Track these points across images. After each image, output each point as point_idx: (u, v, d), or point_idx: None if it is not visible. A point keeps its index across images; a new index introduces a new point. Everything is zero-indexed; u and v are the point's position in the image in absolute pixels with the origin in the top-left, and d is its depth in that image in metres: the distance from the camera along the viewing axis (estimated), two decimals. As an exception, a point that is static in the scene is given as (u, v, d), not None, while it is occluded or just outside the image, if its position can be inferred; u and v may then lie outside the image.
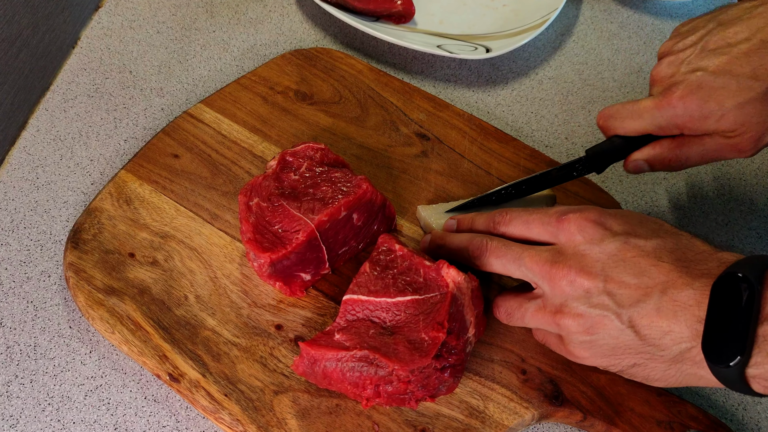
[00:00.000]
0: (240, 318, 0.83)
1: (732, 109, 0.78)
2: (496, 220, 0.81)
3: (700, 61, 0.80)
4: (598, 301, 0.70)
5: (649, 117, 0.82)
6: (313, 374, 0.76)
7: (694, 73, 0.80)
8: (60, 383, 0.81)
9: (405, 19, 1.15)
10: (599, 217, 0.74)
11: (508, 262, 0.77)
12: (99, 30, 1.14)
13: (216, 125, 0.98)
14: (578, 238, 0.73)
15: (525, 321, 0.78)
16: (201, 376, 0.78)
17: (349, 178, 0.84)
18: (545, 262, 0.74)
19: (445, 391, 0.77)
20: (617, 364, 0.73)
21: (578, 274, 0.71)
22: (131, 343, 0.80)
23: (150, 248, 0.87)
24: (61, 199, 0.94)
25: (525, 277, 0.77)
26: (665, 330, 0.68)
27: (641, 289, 0.69)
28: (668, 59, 0.84)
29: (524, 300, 0.77)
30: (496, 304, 0.81)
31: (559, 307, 0.73)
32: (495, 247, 0.78)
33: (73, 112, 1.03)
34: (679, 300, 0.67)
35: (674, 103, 0.80)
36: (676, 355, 0.68)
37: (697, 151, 0.83)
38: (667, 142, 0.84)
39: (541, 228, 0.77)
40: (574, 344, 0.74)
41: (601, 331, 0.71)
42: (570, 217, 0.74)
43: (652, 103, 0.82)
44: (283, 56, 1.08)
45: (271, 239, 0.80)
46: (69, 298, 0.86)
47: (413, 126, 1.01)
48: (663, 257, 0.70)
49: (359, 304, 0.78)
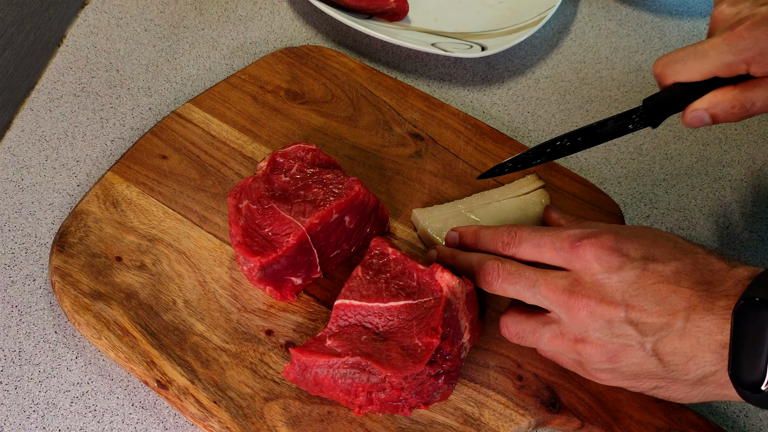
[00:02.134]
0: (229, 323, 0.83)
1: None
2: (505, 241, 0.79)
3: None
4: (620, 331, 0.70)
5: (715, 54, 0.78)
6: (304, 381, 0.76)
7: (762, 6, 0.77)
8: (45, 389, 0.81)
9: (399, 17, 1.16)
10: (615, 243, 0.72)
11: (523, 289, 0.75)
12: (85, 28, 1.14)
13: (205, 125, 0.98)
14: (595, 267, 0.72)
15: (540, 346, 0.77)
16: (189, 382, 0.78)
17: (341, 180, 0.84)
18: (562, 291, 0.72)
19: (439, 398, 0.77)
20: (639, 386, 0.74)
21: (598, 303, 0.70)
22: (118, 349, 0.80)
23: (137, 252, 0.87)
24: (47, 201, 0.94)
25: (540, 304, 0.75)
26: (689, 356, 0.68)
27: (663, 317, 0.69)
28: (728, 0, 0.81)
29: (538, 325, 0.76)
30: (504, 324, 0.79)
31: (579, 336, 0.72)
32: (508, 273, 0.76)
33: (59, 111, 1.03)
34: (701, 326, 0.67)
35: (744, 35, 0.76)
36: (700, 378, 0.69)
37: (762, 95, 0.78)
38: (731, 88, 0.79)
39: (554, 253, 0.75)
40: (595, 370, 0.74)
41: (624, 359, 0.71)
42: (585, 244, 0.72)
43: (720, 40, 0.77)
44: (274, 54, 1.08)
45: (261, 242, 0.80)
46: (54, 302, 0.86)
47: (407, 126, 1.01)
48: (682, 281, 0.69)
49: (351, 309, 0.78)
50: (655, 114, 0.82)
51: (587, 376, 0.77)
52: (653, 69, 0.83)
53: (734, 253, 0.97)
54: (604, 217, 0.94)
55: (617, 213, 0.95)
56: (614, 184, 1.03)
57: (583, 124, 1.07)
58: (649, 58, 1.19)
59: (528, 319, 0.77)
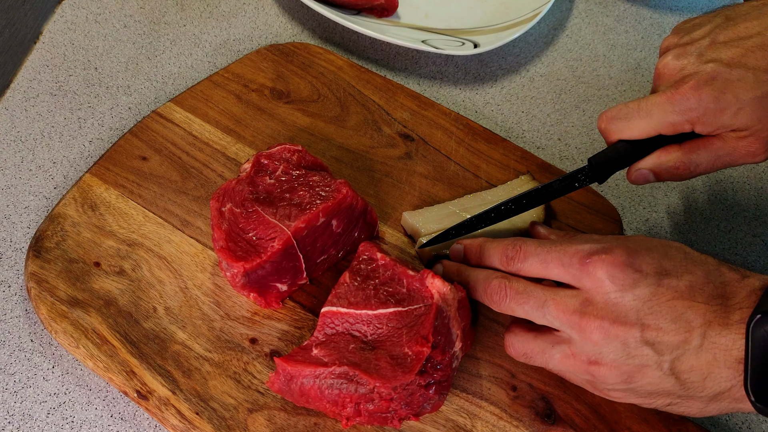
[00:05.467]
0: (212, 331, 0.83)
1: (749, 103, 0.77)
2: (510, 255, 0.78)
3: (713, 53, 0.79)
4: (636, 352, 0.70)
5: (659, 113, 0.80)
6: (289, 391, 0.76)
7: (707, 64, 0.79)
8: (21, 400, 0.81)
9: (388, 13, 1.16)
10: (628, 258, 0.71)
11: (531, 309, 0.75)
12: (62, 24, 1.14)
13: (187, 125, 0.98)
14: (608, 285, 0.71)
15: (549, 367, 0.77)
16: (171, 393, 0.78)
17: (328, 182, 0.84)
18: (573, 312, 0.72)
19: (430, 410, 0.77)
20: (653, 403, 0.74)
21: (612, 324, 0.70)
22: (97, 358, 0.80)
23: (117, 257, 0.87)
24: (22, 204, 0.94)
25: (550, 325, 0.75)
26: (706, 373, 0.68)
27: (680, 335, 0.69)
28: (675, 51, 0.83)
29: (547, 345, 0.75)
30: (510, 343, 0.79)
31: (593, 358, 0.72)
32: (516, 292, 0.76)
33: (35, 111, 1.03)
34: (718, 343, 0.68)
35: (688, 95, 0.78)
36: (716, 394, 0.69)
37: (707, 156, 0.81)
38: (675, 148, 0.82)
39: (562, 269, 0.74)
40: (609, 390, 0.74)
41: (640, 379, 0.71)
42: (595, 260, 0.72)
43: (663, 98, 0.79)
44: (258, 52, 1.08)
45: (245, 247, 0.80)
46: (30, 309, 0.86)
47: (396, 126, 1.02)
48: (697, 296, 0.69)
49: (339, 316, 0.78)
50: (600, 172, 0.85)
51: (599, 395, 0.77)
52: (597, 123, 0.86)
53: (737, 258, 0.97)
54: (602, 221, 0.94)
55: (615, 216, 0.95)
56: (612, 186, 1.04)
57: (579, 124, 1.08)
58: (648, 55, 1.19)
59: (536, 338, 0.76)
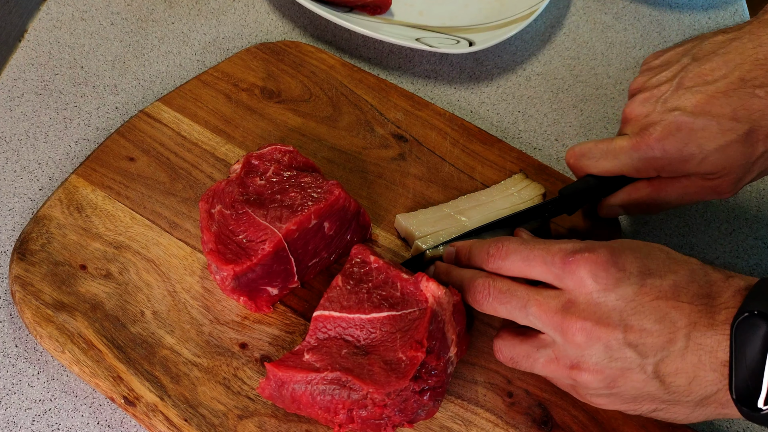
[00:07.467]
0: (201, 336, 0.83)
1: (713, 152, 0.80)
2: (491, 252, 0.78)
3: (677, 100, 0.82)
4: (619, 355, 0.70)
5: (625, 158, 0.84)
6: (280, 398, 0.76)
7: (671, 112, 0.81)
8: (5, 407, 0.81)
9: (381, 10, 1.16)
10: (611, 257, 0.71)
11: (514, 309, 0.75)
12: (48, 22, 1.14)
13: (175, 125, 0.98)
14: (590, 285, 0.71)
15: (534, 371, 0.77)
16: (159, 399, 0.78)
17: (319, 184, 0.84)
18: (555, 312, 0.72)
19: (424, 416, 0.77)
20: (637, 409, 0.74)
21: (595, 325, 0.70)
22: (83, 363, 0.80)
23: (103, 260, 0.87)
24: (6, 206, 0.94)
25: (533, 326, 0.75)
26: (691, 377, 0.68)
27: (664, 336, 0.69)
28: (642, 96, 0.86)
29: (532, 349, 0.76)
30: (498, 348, 0.79)
31: (575, 361, 0.72)
32: (499, 291, 0.76)
33: (20, 111, 1.03)
34: (703, 344, 0.68)
35: (652, 145, 0.82)
36: (702, 399, 0.69)
37: (675, 194, 0.85)
38: (644, 185, 0.86)
39: (544, 268, 0.74)
40: (591, 395, 0.74)
41: (623, 384, 0.71)
42: (578, 259, 0.71)
43: (629, 144, 0.83)
44: (248, 50, 1.08)
45: (234, 250, 0.80)
46: (15, 314, 0.86)
47: (390, 126, 1.02)
48: (681, 296, 0.69)
49: (331, 321, 0.78)
50: (570, 204, 0.89)
51: (583, 400, 0.77)
52: (566, 158, 0.90)
53: (739, 261, 0.97)
54: (600, 223, 0.94)
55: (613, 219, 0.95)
56: (610, 187, 1.04)
57: (576, 124, 1.08)
58: (648, 53, 1.19)
59: (522, 342, 0.77)
